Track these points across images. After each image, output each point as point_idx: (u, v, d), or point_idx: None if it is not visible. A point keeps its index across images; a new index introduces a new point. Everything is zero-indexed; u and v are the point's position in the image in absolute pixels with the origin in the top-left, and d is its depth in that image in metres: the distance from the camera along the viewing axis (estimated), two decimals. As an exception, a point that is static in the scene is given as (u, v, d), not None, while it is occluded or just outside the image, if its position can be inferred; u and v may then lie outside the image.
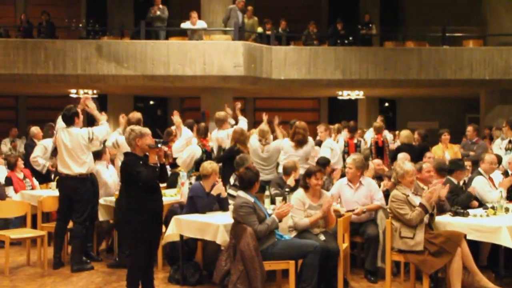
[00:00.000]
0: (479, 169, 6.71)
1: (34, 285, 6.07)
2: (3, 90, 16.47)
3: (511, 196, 6.68)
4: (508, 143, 8.78)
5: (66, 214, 6.71)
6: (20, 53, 12.94)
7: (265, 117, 8.71)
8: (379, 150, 9.19)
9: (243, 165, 6.55)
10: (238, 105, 9.39)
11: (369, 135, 10.10)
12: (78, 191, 6.63)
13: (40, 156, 8.70)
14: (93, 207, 6.96)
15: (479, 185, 6.51)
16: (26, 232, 6.79)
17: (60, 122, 6.70)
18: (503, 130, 9.39)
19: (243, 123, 8.81)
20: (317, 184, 5.68)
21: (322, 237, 5.58)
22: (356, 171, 6.33)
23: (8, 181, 8.32)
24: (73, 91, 15.78)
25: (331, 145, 8.71)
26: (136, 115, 7.14)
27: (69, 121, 6.61)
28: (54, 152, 7.11)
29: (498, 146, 9.05)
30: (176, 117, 7.78)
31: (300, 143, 7.60)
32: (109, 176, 7.27)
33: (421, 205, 5.41)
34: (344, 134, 9.74)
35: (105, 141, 7.17)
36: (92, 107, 6.87)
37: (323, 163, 7.30)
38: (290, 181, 6.71)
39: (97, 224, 7.21)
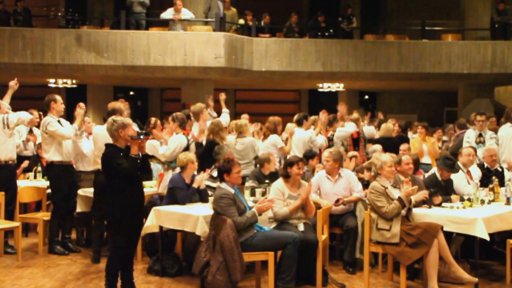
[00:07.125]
0: (458, 162, 6.77)
1: (11, 277, 6.01)
2: (-20, 79, 16.19)
3: (486, 183, 6.79)
4: (478, 136, 8.78)
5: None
6: (-3, 42, 12.74)
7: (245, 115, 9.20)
8: (355, 142, 9.23)
9: (219, 154, 6.59)
10: (222, 96, 9.19)
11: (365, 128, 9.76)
12: None
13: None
14: (72, 198, 6.93)
15: (456, 180, 6.59)
16: (-1, 223, 6.68)
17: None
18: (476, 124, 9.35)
19: (224, 115, 8.77)
20: (298, 173, 5.76)
21: (301, 228, 5.63)
22: (334, 163, 6.40)
23: None
24: (52, 80, 15.58)
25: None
26: (114, 105, 6.61)
27: None
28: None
29: (466, 139, 8.89)
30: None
31: (265, 135, 8.32)
32: (88, 147, 7.21)
33: (399, 199, 5.48)
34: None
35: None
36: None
37: (310, 155, 7.53)
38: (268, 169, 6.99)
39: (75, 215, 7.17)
